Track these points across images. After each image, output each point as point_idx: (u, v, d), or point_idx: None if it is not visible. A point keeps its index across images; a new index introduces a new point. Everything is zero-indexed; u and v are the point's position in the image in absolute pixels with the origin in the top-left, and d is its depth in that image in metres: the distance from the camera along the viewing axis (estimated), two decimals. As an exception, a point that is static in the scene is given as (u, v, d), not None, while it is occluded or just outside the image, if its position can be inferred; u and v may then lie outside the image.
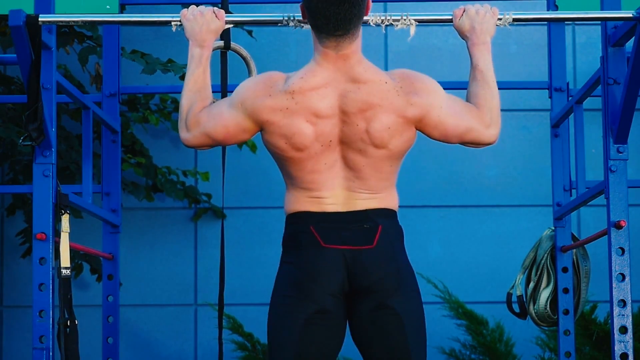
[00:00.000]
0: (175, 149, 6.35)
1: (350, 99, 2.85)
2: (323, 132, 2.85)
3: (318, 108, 2.84)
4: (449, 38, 6.33)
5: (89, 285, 6.13)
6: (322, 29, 2.83)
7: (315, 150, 2.85)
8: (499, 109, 3.01)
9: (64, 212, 3.59)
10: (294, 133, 2.84)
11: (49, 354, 3.48)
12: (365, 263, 2.84)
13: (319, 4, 2.79)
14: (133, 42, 5.91)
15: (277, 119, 2.85)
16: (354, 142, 2.86)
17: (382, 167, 2.90)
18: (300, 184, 2.90)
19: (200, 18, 3.07)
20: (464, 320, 5.80)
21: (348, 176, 2.88)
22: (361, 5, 2.82)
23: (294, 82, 2.85)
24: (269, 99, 2.86)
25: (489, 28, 3.08)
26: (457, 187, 6.35)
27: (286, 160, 2.90)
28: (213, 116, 2.94)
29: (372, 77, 2.87)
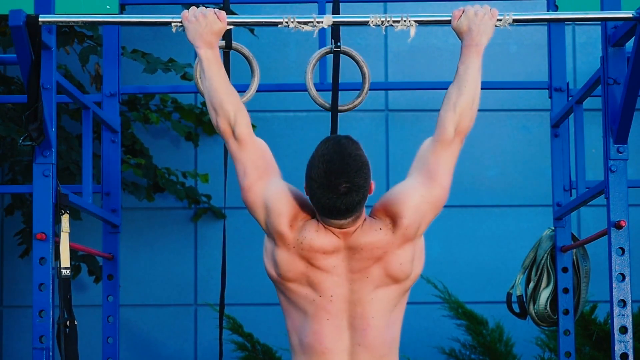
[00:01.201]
0: (175, 149, 6.35)
1: (357, 260, 2.86)
2: (321, 283, 2.85)
3: (321, 265, 2.85)
4: (449, 38, 6.32)
5: (88, 286, 6.13)
6: (325, 215, 2.82)
7: (312, 298, 2.86)
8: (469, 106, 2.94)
9: (64, 212, 3.59)
10: (287, 269, 2.87)
11: (49, 354, 3.48)
12: None
13: (321, 200, 2.78)
14: (133, 42, 5.91)
15: (281, 246, 2.88)
16: (367, 294, 2.86)
17: (391, 312, 2.88)
18: (304, 348, 2.87)
19: (202, 20, 3.06)
20: (463, 320, 5.80)
21: (352, 343, 2.87)
22: (364, 195, 2.79)
23: (307, 236, 2.85)
24: (287, 228, 2.87)
25: (486, 30, 3.07)
26: (457, 187, 6.31)
27: (282, 291, 2.90)
28: (254, 166, 2.95)
29: (370, 238, 2.86)
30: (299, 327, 2.89)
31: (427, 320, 6.15)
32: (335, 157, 2.76)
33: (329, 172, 2.75)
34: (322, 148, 2.79)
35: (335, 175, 2.75)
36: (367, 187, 2.79)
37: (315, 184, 2.77)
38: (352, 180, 2.75)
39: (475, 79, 2.98)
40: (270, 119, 6.32)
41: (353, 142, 2.80)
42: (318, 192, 2.77)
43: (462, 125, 2.94)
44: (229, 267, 4.71)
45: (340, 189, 2.75)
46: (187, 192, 6.08)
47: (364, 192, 2.78)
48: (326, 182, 2.75)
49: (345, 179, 2.75)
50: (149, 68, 5.29)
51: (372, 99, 3.54)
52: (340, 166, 2.75)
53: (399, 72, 6.36)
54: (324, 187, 2.75)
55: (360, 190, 2.77)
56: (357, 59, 3.63)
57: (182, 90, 5.35)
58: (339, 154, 2.76)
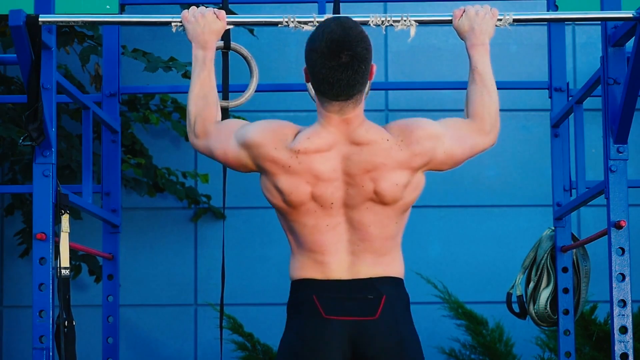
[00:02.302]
0: (175, 149, 6.35)
1: (354, 162, 2.83)
2: (323, 194, 2.83)
3: (320, 171, 2.83)
4: (449, 38, 6.33)
5: (88, 286, 6.13)
6: (326, 94, 2.80)
7: (313, 209, 2.84)
8: (498, 111, 3.01)
9: (64, 212, 3.59)
10: (291, 192, 2.84)
11: (48, 354, 3.48)
12: (368, 335, 2.82)
13: (322, 70, 2.76)
14: (133, 42, 5.91)
15: (277, 172, 2.85)
16: (361, 203, 2.84)
17: (388, 225, 2.87)
18: (303, 244, 2.87)
19: (201, 19, 3.07)
20: (463, 320, 5.80)
21: (352, 239, 2.86)
22: (365, 72, 2.78)
23: (300, 141, 2.83)
24: (274, 151, 2.84)
25: (488, 29, 3.08)
26: (457, 187, 6.35)
27: (284, 213, 2.88)
28: (220, 138, 2.93)
29: (373, 137, 2.84)
30: (299, 236, 2.88)
31: (427, 320, 6.14)
32: (337, 29, 2.76)
33: (330, 41, 2.74)
34: (323, 24, 2.80)
35: (337, 44, 2.74)
36: (369, 62, 2.79)
37: (316, 55, 2.77)
38: (354, 50, 2.74)
39: (493, 79, 3.05)
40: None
41: (355, 21, 2.81)
42: (319, 62, 2.77)
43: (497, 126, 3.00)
44: (229, 267, 4.72)
45: (342, 57, 2.74)
46: (187, 192, 6.08)
47: (366, 66, 2.77)
48: (328, 52, 2.74)
49: (347, 47, 2.74)
50: (150, 67, 5.28)
51: (372, 98, 3.55)
52: (342, 36, 2.75)
53: (399, 72, 6.36)
54: (326, 56, 2.75)
55: (363, 63, 2.76)
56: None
57: (182, 90, 5.34)
58: (340, 27, 2.77)
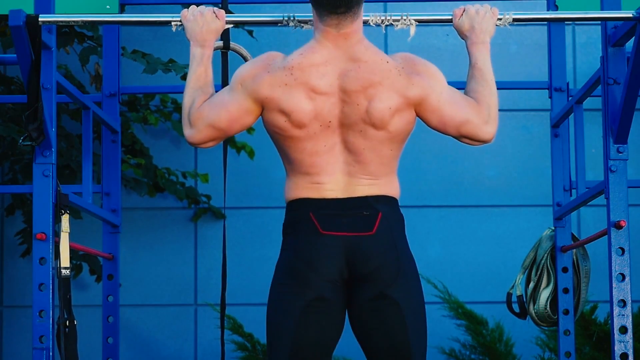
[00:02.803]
0: (175, 149, 6.35)
1: (351, 78, 2.84)
2: (322, 110, 2.83)
3: (317, 84, 2.83)
4: (449, 38, 6.33)
5: (88, 286, 6.13)
6: (324, 5, 2.82)
7: (314, 130, 2.84)
8: (497, 108, 3.01)
9: (64, 212, 3.59)
10: (292, 110, 2.83)
11: (49, 354, 3.48)
12: (364, 250, 2.83)
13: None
14: (133, 42, 5.91)
15: (277, 94, 2.84)
16: (355, 124, 2.84)
17: (382, 150, 2.88)
18: (299, 168, 2.88)
19: (200, 18, 3.07)
20: (463, 320, 5.80)
21: (348, 160, 2.87)
22: None
23: (293, 58, 2.86)
24: (267, 75, 2.85)
25: (488, 28, 3.08)
26: (457, 187, 6.35)
27: (286, 140, 2.87)
28: (214, 105, 2.93)
29: (372, 56, 2.86)
30: (296, 160, 2.88)
31: (427, 320, 6.14)
32: None
33: None
34: None
35: None
36: None
37: None
38: None
39: (493, 76, 3.05)
40: (270, 119, 6.32)
41: None
42: None
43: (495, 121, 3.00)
44: (229, 267, 4.71)
45: None
46: (187, 192, 6.08)
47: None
48: None
49: None
50: (149, 68, 5.29)
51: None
52: None
53: (399, 72, 6.35)
54: None
55: None
56: None
57: (182, 90, 5.34)
58: None
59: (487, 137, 2.99)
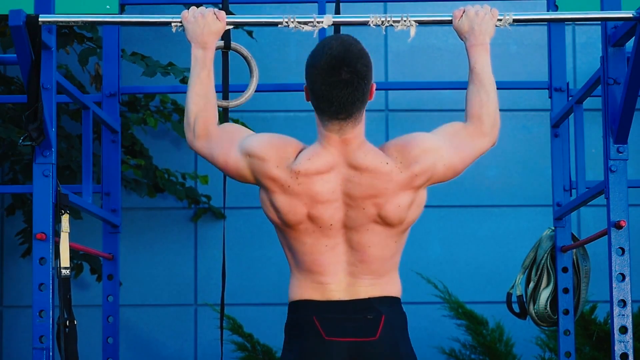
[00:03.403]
0: (175, 150, 6.35)
1: (355, 184, 2.83)
2: (322, 215, 2.83)
3: (319, 193, 2.83)
4: (449, 38, 6.32)
5: (89, 285, 6.13)
6: (325, 112, 2.80)
7: (311, 230, 2.85)
8: (497, 110, 3.00)
9: (64, 212, 3.59)
10: (288, 211, 2.85)
11: (49, 354, 3.48)
12: (368, 355, 2.82)
13: (322, 87, 2.76)
14: (133, 43, 5.91)
15: (276, 190, 2.85)
16: (362, 225, 2.84)
17: (389, 245, 2.87)
18: (302, 264, 2.88)
19: (201, 20, 3.07)
20: (464, 320, 5.80)
21: (351, 260, 2.86)
22: (365, 90, 2.78)
23: (301, 162, 2.83)
24: (275, 169, 2.84)
25: (487, 29, 3.08)
26: (457, 187, 6.35)
27: (282, 231, 2.90)
28: (222, 144, 2.93)
29: (372, 162, 2.84)
30: (298, 255, 2.88)
31: (427, 320, 6.15)
32: (338, 46, 2.76)
33: (331, 57, 2.74)
34: (324, 41, 2.80)
35: (338, 60, 2.74)
36: (369, 81, 2.79)
37: (316, 71, 2.76)
38: (354, 67, 2.75)
39: (492, 78, 3.03)
40: (270, 119, 6.32)
41: (355, 38, 2.81)
42: (319, 79, 2.76)
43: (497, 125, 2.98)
44: (229, 267, 4.71)
45: (342, 74, 2.74)
46: (186, 193, 6.08)
47: (366, 84, 2.77)
48: (328, 68, 2.74)
49: (347, 64, 2.74)
50: (148, 71, 5.28)
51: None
52: (342, 53, 2.75)
53: (399, 72, 6.36)
54: (326, 72, 2.74)
55: (362, 81, 2.76)
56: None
57: (182, 90, 5.35)
58: (341, 44, 2.77)
59: (492, 144, 3.01)
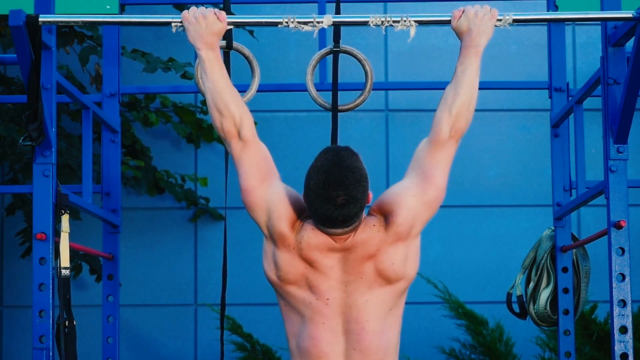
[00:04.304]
0: (175, 151, 6.35)
1: (351, 260, 2.87)
2: (319, 285, 2.87)
3: (318, 264, 2.87)
4: (449, 38, 6.32)
5: (88, 286, 6.13)
6: (323, 224, 2.85)
7: (309, 300, 2.88)
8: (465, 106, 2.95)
9: (64, 212, 3.59)
10: (288, 271, 2.89)
11: (49, 353, 3.48)
12: None
13: (319, 210, 2.81)
14: (133, 42, 5.91)
15: (281, 247, 2.90)
16: (361, 296, 2.87)
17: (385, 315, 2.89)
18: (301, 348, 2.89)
19: (202, 21, 3.06)
20: (464, 320, 5.80)
21: (347, 347, 2.88)
22: (361, 204, 2.82)
23: (304, 235, 2.88)
24: (287, 230, 2.89)
25: (486, 30, 3.07)
26: (457, 187, 6.35)
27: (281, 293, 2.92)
28: (255, 170, 2.96)
29: (363, 234, 2.87)
30: (297, 332, 2.91)
31: (427, 320, 6.15)
32: (333, 169, 2.79)
33: (326, 183, 2.77)
34: (321, 159, 2.82)
35: (333, 187, 2.78)
36: (365, 199, 2.83)
37: (313, 195, 2.80)
38: (349, 193, 2.78)
39: (472, 80, 2.98)
40: (270, 119, 6.32)
41: (352, 153, 2.83)
42: (316, 202, 2.80)
43: (457, 126, 2.96)
44: (229, 267, 4.71)
45: (337, 200, 2.78)
46: (185, 194, 6.08)
47: (361, 204, 2.82)
48: (324, 194, 2.78)
49: (343, 191, 2.78)
50: (149, 67, 5.28)
51: (372, 99, 3.55)
52: (338, 178, 2.78)
53: (399, 72, 6.36)
54: (322, 198, 2.78)
55: (358, 203, 2.80)
56: (359, 58, 3.63)
57: (182, 90, 5.35)
58: (337, 166, 2.79)
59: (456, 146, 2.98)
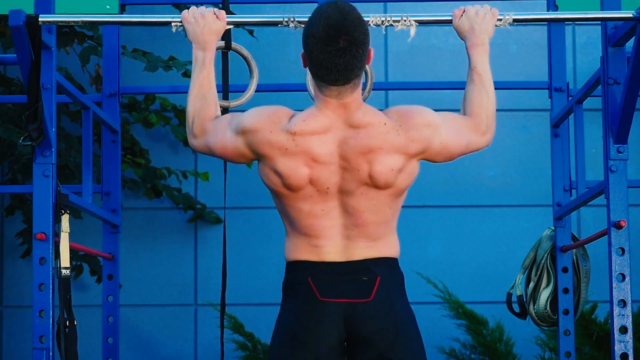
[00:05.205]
0: (174, 152, 6.35)
1: (351, 145, 2.84)
2: (320, 178, 2.84)
3: (317, 153, 2.83)
4: (449, 38, 6.32)
5: (89, 286, 6.13)
6: (323, 78, 2.82)
7: (310, 193, 2.85)
8: (494, 112, 3.03)
9: (64, 212, 3.59)
10: (289, 175, 2.84)
11: (49, 354, 3.48)
12: (362, 316, 2.84)
13: (320, 55, 2.77)
14: (133, 42, 5.91)
15: (275, 156, 2.85)
16: (356, 188, 2.85)
17: (382, 210, 2.88)
18: (298, 228, 2.88)
19: (201, 20, 3.07)
20: (464, 320, 5.80)
21: (347, 224, 2.87)
22: (363, 56, 2.80)
23: (296, 123, 2.84)
24: (270, 134, 2.85)
25: (487, 29, 3.09)
26: (457, 187, 6.35)
27: (282, 197, 2.89)
28: (216, 132, 2.94)
29: (370, 120, 2.85)
30: (294, 220, 2.89)
31: (427, 320, 6.13)
32: (334, 14, 2.77)
33: (328, 26, 2.75)
34: (321, 9, 2.81)
35: (335, 29, 2.75)
36: (367, 46, 2.80)
37: (314, 40, 2.77)
38: (351, 35, 2.76)
39: (492, 80, 3.06)
40: (270, 119, 6.31)
41: (352, 5, 2.82)
42: (317, 48, 2.77)
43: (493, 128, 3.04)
44: (229, 267, 4.71)
45: (339, 42, 2.75)
46: (182, 199, 6.07)
47: (364, 50, 2.79)
48: (325, 36, 2.75)
49: (345, 32, 2.75)
50: (150, 66, 5.27)
51: (372, 98, 3.56)
52: (339, 21, 2.76)
53: (399, 72, 6.36)
54: (323, 41, 2.76)
55: (360, 47, 2.77)
56: None
57: (183, 90, 5.34)
58: (338, 12, 2.78)
59: (486, 145, 3.04)
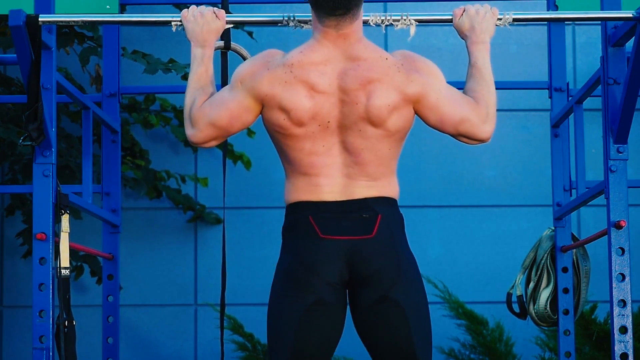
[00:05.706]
0: (174, 154, 6.35)
1: (350, 76, 2.84)
2: (321, 109, 2.84)
3: (316, 83, 2.84)
4: (449, 38, 6.33)
5: (89, 286, 6.13)
6: (323, 8, 2.83)
7: (312, 129, 2.84)
8: (495, 108, 3.03)
9: (64, 212, 3.59)
10: (292, 107, 2.84)
11: (48, 354, 3.48)
12: (364, 253, 2.83)
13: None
14: (133, 43, 5.91)
15: (276, 91, 2.85)
16: (354, 123, 2.85)
17: (381, 150, 2.88)
18: (298, 168, 2.88)
19: (200, 19, 3.09)
20: (464, 320, 5.80)
21: (347, 162, 2.87)
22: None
23: (293, 55, 2.87)
24: (267, 72, 2.86)
25: (488, 28, 3.09)
26: (457, 187, 6.35)
27: (285, 139, 2.87)
28: (215, 103, 2.94)
29: (372, 53, 2.87)
30: (294, 159, 2.89)
31: (427, 320, 6.14)
32: None
33: None
34: None
35: None
36: None
37: None
38: None
39: (492, 77, 3.06)
40: (270, 119, 6.31)
41: None
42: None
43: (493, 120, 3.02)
44: (229, 267, 4.71)
45: None
46: (182, 200, 6.07)
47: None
48: None
49: None
50: (150, 69, 5.28)
51: (372, 99, 3.60)
52: None
53: (399, 72, 6.35)
54: None
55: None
56: None
57: (182, 90, 5.33)
58: None
59: (485, 136, 3.00)
